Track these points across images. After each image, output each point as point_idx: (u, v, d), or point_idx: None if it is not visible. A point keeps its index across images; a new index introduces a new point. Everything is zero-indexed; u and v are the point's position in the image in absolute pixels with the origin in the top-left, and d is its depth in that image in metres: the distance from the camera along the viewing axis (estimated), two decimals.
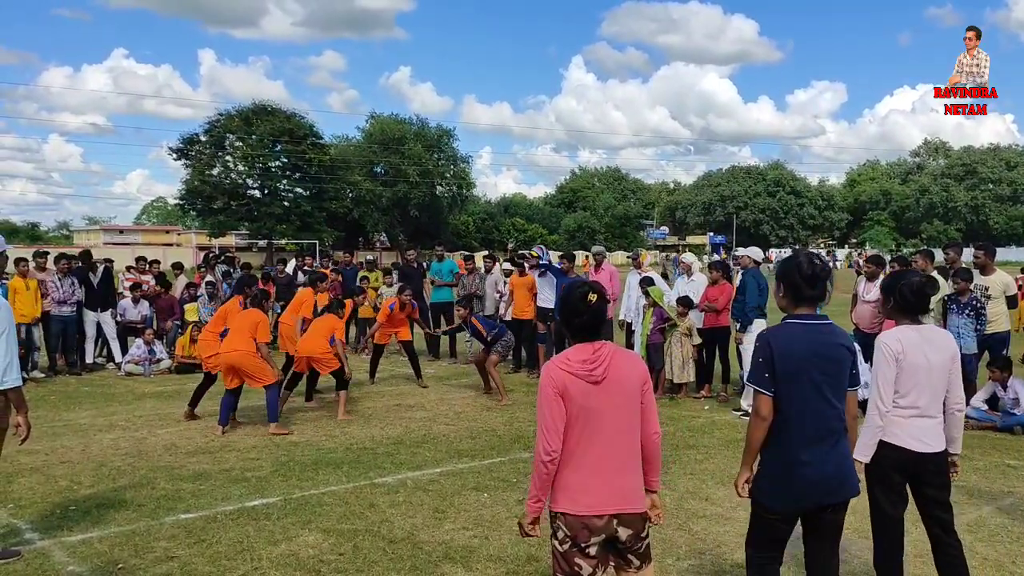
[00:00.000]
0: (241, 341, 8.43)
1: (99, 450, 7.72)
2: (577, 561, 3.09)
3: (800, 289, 3.49)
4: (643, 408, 3.19)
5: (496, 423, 8.93)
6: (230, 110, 59.25)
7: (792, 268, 3.53)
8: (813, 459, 3.39)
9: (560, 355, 3.21)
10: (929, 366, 3.94)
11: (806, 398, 3.40)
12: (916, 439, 3.95)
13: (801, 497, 3.43)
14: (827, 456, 3.41)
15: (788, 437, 3.42)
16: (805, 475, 3.40)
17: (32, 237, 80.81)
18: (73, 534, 5.42)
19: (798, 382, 3.39)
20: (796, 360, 3.39)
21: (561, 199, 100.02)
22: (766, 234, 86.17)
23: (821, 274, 3.51)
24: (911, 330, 4.01)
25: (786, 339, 3.44)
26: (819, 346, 3.43)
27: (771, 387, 3.41)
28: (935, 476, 4.02)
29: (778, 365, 3.39)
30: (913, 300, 4.01)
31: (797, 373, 3.39)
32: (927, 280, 4.16)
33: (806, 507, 3.47)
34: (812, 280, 3.48)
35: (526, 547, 5.12)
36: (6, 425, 4.98)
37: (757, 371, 3.46)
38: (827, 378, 3.42)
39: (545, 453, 3.09)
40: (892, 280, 4.19)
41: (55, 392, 10.86)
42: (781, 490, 3.45)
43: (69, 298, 12.16)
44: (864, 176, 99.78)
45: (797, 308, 3.53)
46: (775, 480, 3.47)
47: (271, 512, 5.85)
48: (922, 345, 3.96)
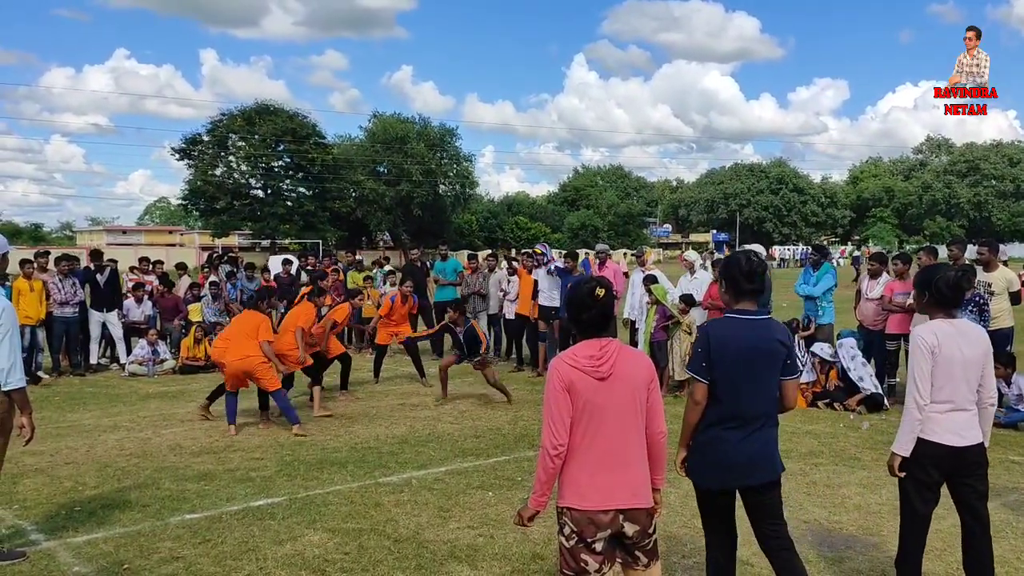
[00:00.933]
0: (248, 347, 8.44)
1: (104, 451, 7.74)
2: (583, 557, 3.11)
3: (739, 284, 3.69)
4: (650, 407, 3.22)
5: (501, 422, 8.93)
6: (233, 110, 59.30)
7: (732, 265, 3.74)
8: (736, 441, 3.63)
9: (567, 351, 3.24)
10: (964, 360, 3.96)
11: (737, 386, 3.62)
12: (954, 433, 3.97)
13: (726, 475, 3.68)
14: (750, 439, 3.64)
15: (717, 421, 3.66)
16: (728, 454, 3.64)
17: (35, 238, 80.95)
18: (78, 535, 5.43)
19: (731, 371, 3.61)
20: (731, 351, 3.61)
21: (564, 197, 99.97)
22: (769, 231, 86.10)
23: (758, 269, 3.69)
24: (946, 324, 4.02)
25: (724, 332, 3.67)
26: (755, 340, 3.63)
27: (707, 375, 3.64)
28: (974, 468, 4.06)
29: (714, 355, 3.62)
30: (949, 294, 4.04)
31: (732, 363, 3.61)
32: (963, 274, 4.14)
33: (731, 485, 3.72)
34: (750, 276, 3.67)
35: (531, 545, 5.13)
36: (11, 426, 4.99)
37: (695, 360, 3.70)
38: (759, 369, 3.64)
39: (552, 447, 3.12)
40: (926, 275, 4.16)
41: (59, 393, 10.87)
42: (708, 468, 3.71)
43: (71, 299, 12.17)
44: (867, 173, 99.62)
45: (738, 303, 3.72)
46: (704, 459, 3.72)
47: (276, 512, 5.86)
48: (957, 339, 3.98)
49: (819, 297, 10.21)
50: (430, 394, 10.64)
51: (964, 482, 4.09)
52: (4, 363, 4.80)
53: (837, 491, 6.33)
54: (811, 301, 10.34)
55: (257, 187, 60.47)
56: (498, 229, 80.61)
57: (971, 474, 4.06)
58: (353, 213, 64.92)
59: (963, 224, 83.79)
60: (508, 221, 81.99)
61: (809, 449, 7.63)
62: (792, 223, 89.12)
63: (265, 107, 58.86)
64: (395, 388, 11.19)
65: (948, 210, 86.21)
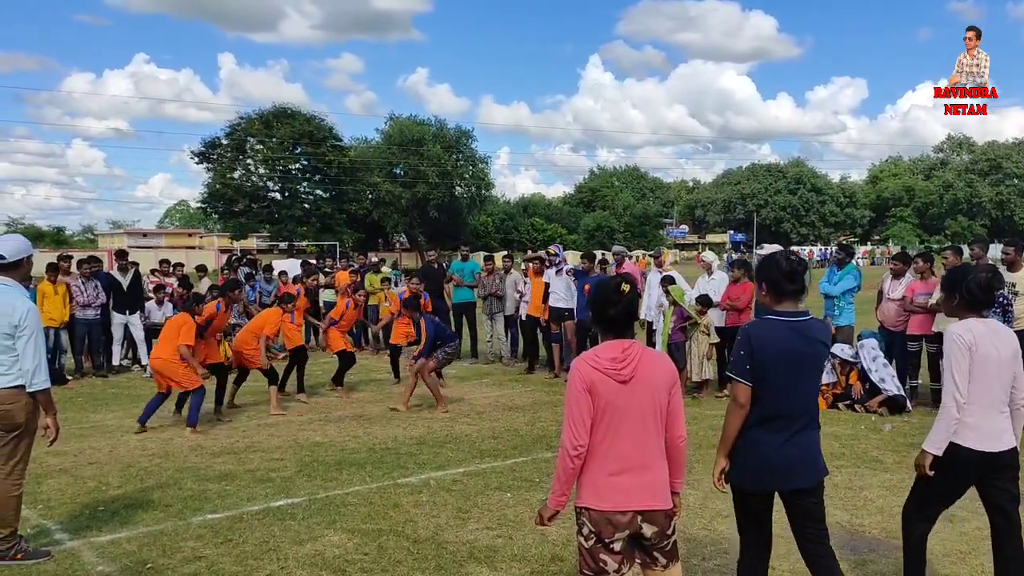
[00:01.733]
0: (165, 349, 8.65)
1: (126, 451, 7.81)
2: (603, 557, 3.12)
3: (781, 285, 3.62)
4: (670, 410, 3.21)
5: (518, 423, 8.93)
6: (251, 114, 59.58)
7: (772, 266, 3.66)
8: (778, 444, 3.57)
9: (590, 352, 3.23)
10: (999, 359, 3.93)
11: (779, 388, 3.55)
12: (990, 438, 3.93)
13: (766, 477, 3.61)
14: (792, 441, 3.58)
15: (758, 423, 3.59)
16: (769, 457, 3.57)
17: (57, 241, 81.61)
18: (102, 534, 5.49)
19: (774, 373, 3.54)
20: (774, 353, 3.54)
21: (580, 198, 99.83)
22: (787, 232, 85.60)
23: (799, 268, 3.63)
24: (980, 323, 4.00)
25: (767, 333, 3.59)
26: (797, 341, 3.57)
27: (750, 377, 3.56)
28: (1007, 470, 4.02)
29: (758, 358, 3.55)
30: (981, 296, 4.01)
31: (774, 365, 3.54)
32: (993, 275, 4.11)
33: (774, 488, 3.65)
34: (791, 275, 3.61)
35: (550, 547, 5.12)
36: (35, 427, 5.06)
37: (738, 362, 3.60)
38: (801, 371, 3.58)
39: (572, 448, 3.12)
40: (955, 276, 4.12)
41: (82, 394, 10.99)
42: (748, 471, 3.62)
43: (93, 301, 12.29)
44: (886, 172, 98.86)
45: (779, 304, 3.66)
46: (744, 461, 3.62)
47: (296, 512, 5.89)
48: (991, 338, 3.95)
49: (837, 297, 10.14)
50: (447, 395, 10.63)
51: (995, 484, 4.02)
52: (29, 364, 4.87)
53: (859, 493, 6.28)
54: (830, 300, 10.27)
55: (275, 190, 60.77)
56: (514, 231, 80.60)
57: (1003, 476, 4.01)
58: (370, 215, 65.11)
59: (985, 223, 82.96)
60: (524, 223, 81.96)
61: (830, 451, 7.57)
62: (810, 223, 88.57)
63: (283, 110, 59.15)
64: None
65: (970, 209, 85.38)
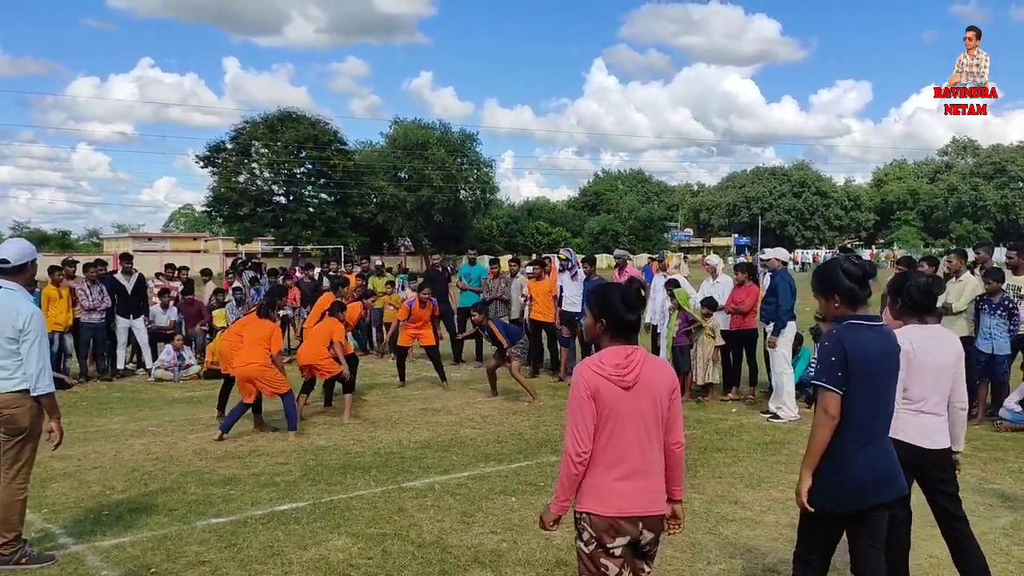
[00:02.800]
0: (255, 354, 8.54)
1: (131, 455, 7.81)
2: (603, 562, 3.13)
3: (855, 293, 3.48)
4: (670, 416, 3.22)
5: (523, 427, 8.92)
6: (256, 117, 59.73)
7: (841, 275, 3.49)
8: (869, 460, 3.41)
9: (593, 357, 3.23)
10: (937, 365, 4.05)
11: (868, 399, 3.41)
12: (925, 436, 4.05)
13: (856, 497, 3.41)
14: (880, 456, 3.46)
15: (847, 437, 3.40)
16: (860, 475, 3.39)
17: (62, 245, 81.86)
18: (106, 538, 5.49)
19: (866, 383, 3.39)
20: (870, 361, 3.41)
21: (584, 202, 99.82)
22: (792, 235, 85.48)
23: (869, 271, 3.53)
24: (920, 329, 4.10)
25: (859, 339, 3.42)
26: (888, 348, 3.48)
27: (843, 386, 3.37)
28: (941, 471, 4.14)
29: (851, 365, 3.37)
30: (920, 300, 4.11)
31: (868, 374, 3.40)
32: (933, 280, 4.24)
33: (860, 507, 3.43)
34: (863, 281, 3.49)
35: (555, 551, 5.11)
36: (40, 431, 5.06)
37: (829, 370, 3.39)
38: (890, 379, 3.50)
39: (576, 454, 3.12)
40: (899, 281, 4.26)
41: (86, 398, 11.00)
42: (837, 490, 3.40)
43: (98, 305, 12.32)
44: (891, 176, 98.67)
45: (855, 310, 3.50)
46: (832, 480, 3.40)
47: (301, 516, 5.89)
48: (930, 344, 4.06)
49: None
50: (452, 399, 10.67)
51: (934, 486, 4.17)
52: (33, 368, 4.87)
53: None
54: None
55: (280, 193, 60.90)
56: (519, 234, 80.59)
57: (938, 477, 4.14)
58: (374, 219, 65.23)
59: (990, 227, 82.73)
60: (529, 226, 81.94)
61: None
62: (815, 226, 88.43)
63: (287, 114, 59.29)
64: (417, 393, 11.22)
65: (975, 213, 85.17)
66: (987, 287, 8.68)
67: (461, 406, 10.19)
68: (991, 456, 7.44)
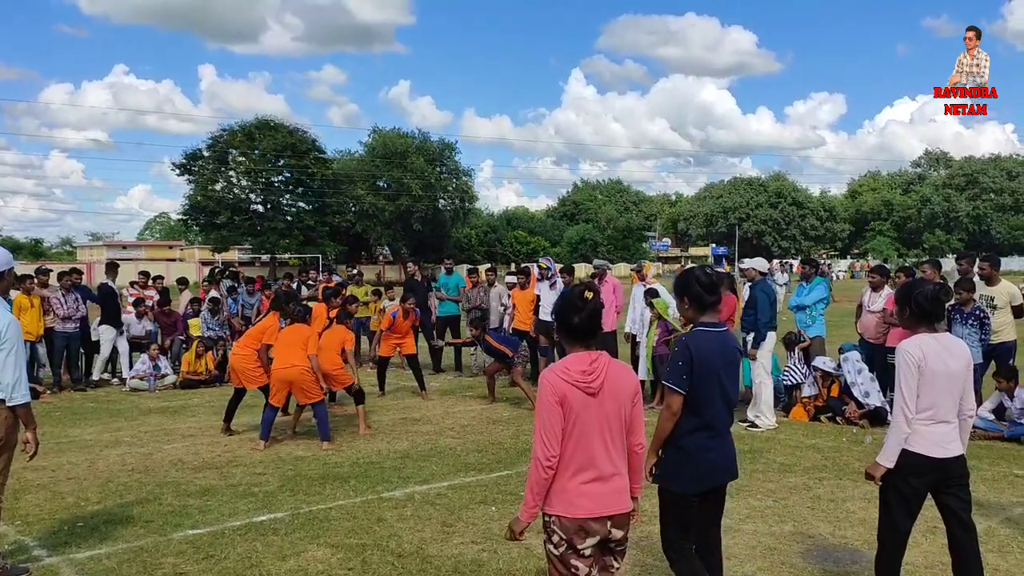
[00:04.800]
0: (297, 357, 8.43)
1: (105, 466, 7.72)
2: (573, 563, 3.21)
3: (702, 298, 3.89)
4: (632, 419, 3.34)
5: (502, 436, 8.91)
6: (233, 125, 59.40)
7: (691, 281, 3.91)
8: (715, 447, 3.89)
9: (559, 363, 3.32)
10: (948, 373, 4.04)
11: (712, 395, 3.84)
12: (938, 445, 4.04)
13: (706, 479, 3.89)
14: (724, 444, 3.94)
15: (697, 429, 3.85)
16: (709, 460, 3.87)
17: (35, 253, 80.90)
18: (81, 550, 5.42)
19: (709, 381, 3.81)
20: (712, 361, 3.82)
21: (563, 211, 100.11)
22: (768, 245, 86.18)
23: (716, 281, 3.93)
24: (930, 338, 4.10)
25: (702, 344, 3.83)
26: (725, 350, 3.89)
27: (686, 387, 3.80)
28: (957, 478, 4.15)
29: (696, 367, 3.79)
30: (929, 308, 4.13)
31: (710, 372, 3.81)
32: (942, 288, 4.32)
33: (707, 487, 3.90)
34: (711, 288, 3.88)
35: (535, 560, 5.11)
36: (15, 442, 4.99)
37: (676, 373, 3.82)
38: (728, 378, 3.91)
39: (545, 459, 3.20)
40: (906, 290, 4.25)
41: (60, 408, 10.86)
42: (691, 475, 3.85)
43: (74, 314, 12.18)
44: (865, 187, 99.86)
45: (703, 316, 3.92)
46: (685, 467, 3.85)
47: (279, 527, 5.84)
48: (941, 353, 4.06)
49: (810, 307, 10.26)
50: (431, 408, 10.65)
51: (949, 492, 4.16)
52: (9, 378, 4.80)
53: (841, 505, 6.32)
54: (802, 312, 10.39)
55: (257, 202, 60.52)
56: (498, 243, 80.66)
57: (955, 484, 4.15)
58: (353, 227, 64.99)
59: (962, 237, 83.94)
60: (508, 235, 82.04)
61: (812, 463, 7.62)
62: (791, 237, 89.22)
63: (265, 122, 58.99)
64: (396, 403, 11.18)
65: (947, 223, 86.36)
66: (958, 297, 8.80)
67: (441, 416, 10.17)
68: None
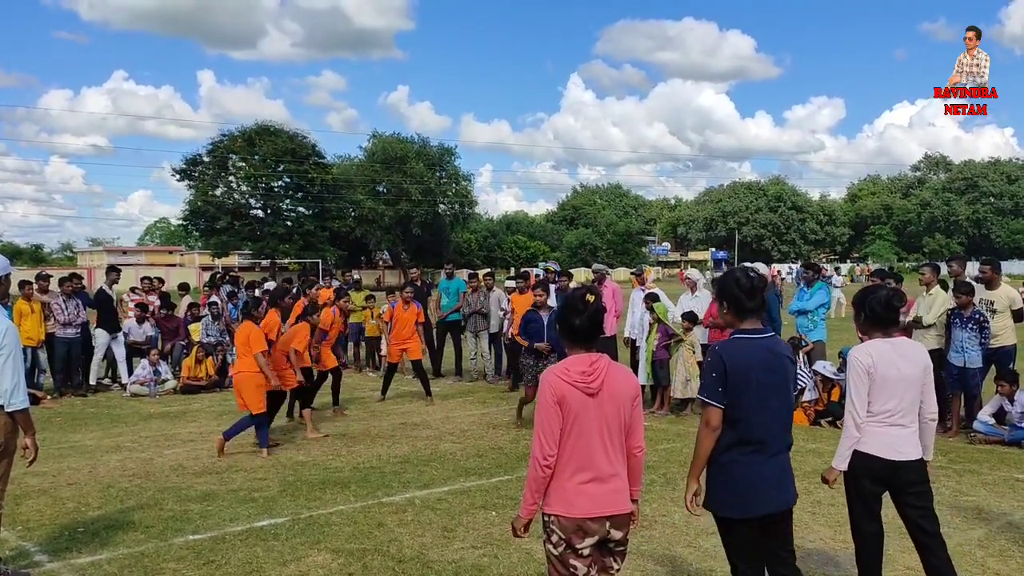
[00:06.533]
0: (243, 362, 8.43)
1: (106, 471, 7.72)
2: (572, 562, 3.24)
3: (741, 303, 3.60)
4: (631, 421, 3.35)
5: (502, 441, 8.91)
6: (233, 131, 59.48)
7: (731, 284, 3.63)
8: (758, 464, 3.51)
9: (559, 364, 3.35)
10: (901, 378, 4.07)
11: (753, 407, 3.50)
12: (890, 448, 4.07)
13: (750, 503, 3.51)
14: (772, 464, 3.54)
15: (733, 445, 3.52)
16: (750, 480, 3.51)
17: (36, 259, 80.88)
18: (82, 556, 5.42)
19: (748, 394, 3.49)
20: (751, 372, 3.50)
21: (563, 216, 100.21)
22: (768, 249, 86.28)
23: (759, 285, 3.62)
24: (883, 343, 4.15)
25: (738, 353, 3.54)
26: (768, 358, 3.56)
27: (723, 400, 3.50)
28: (913, 484, 4.13)
29: (731, 379, 3.49)
30: (883, 313, 4.17)
31: (749, 384, 3.49)
32: (894, 293, 4.31)
33: (756, 513, 3.53)
34: (752, 292, 3.59)
35: (536, 565, 5.11)
36: (14, 447, 4.99)
37: (710, 384, 3.54)
38: (773, 389, 3.54)
39: (543, 458, 3.23)
40: (862, 295, 4.31)
41: (61, 414, 10.86)
42: (731, 496, 3.53)
43: (74, 320, 12.18)
44: (865, 191, 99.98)
45: (743, 322, 3.63)
46: (723, 486, 3.54)
47: (279, 532, 5.84)
48: (893, 357, 4.09)
49: (812, 312, 10.27)
50: (431, 413, 10.64)
51: (905, 500, 4.17)
52: (7, 384, 4.80)
53: (841, 510, 6.25)
54: (804, 317, 10.39)
55: (257, 207, 60.59)
56: (497, 248, 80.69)
57: (910, 490, 4.14)
58: (352, 232, 65.02)
59: (962, 241, 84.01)
60: (507, 240, 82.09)
61: (813, 468, 7.60)
62: (791, 241, 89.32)
63: (265, 128, 59.06)
64: (396, 408, 11.18)
65: (947, 227, 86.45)
66: (958, 300, 8.81)
67: (441, 420, 10.17)
68: (966, 468, 7.53)
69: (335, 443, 8.87)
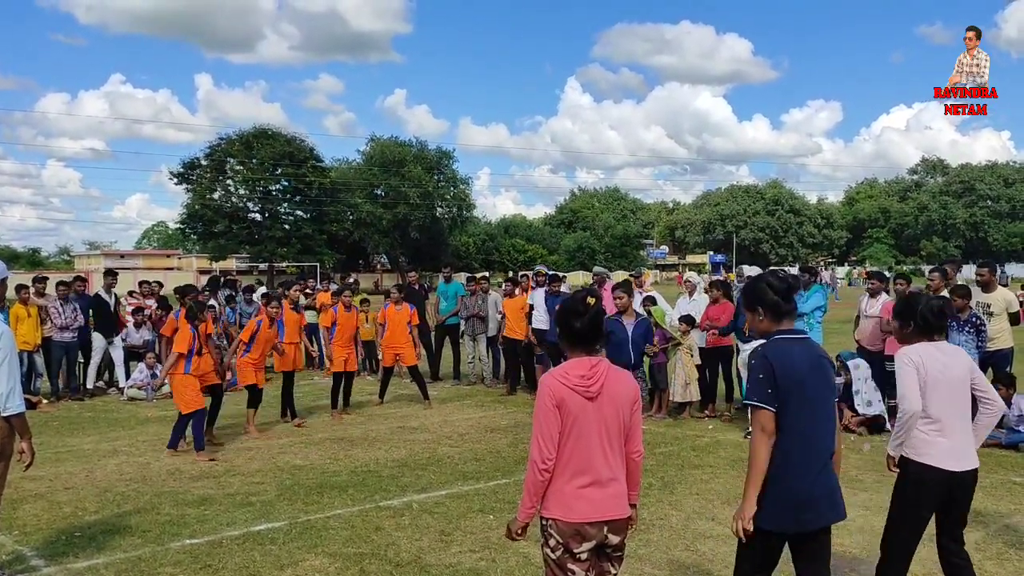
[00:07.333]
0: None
1: (103, 476, 7.70)
2: (570, 567, 3.23)
3: (779, 306, 3.46)
4: (630, 426, 3.34)
5: (500, 444, 8.91)
6: (231, 134, 59.42)
7: (765, 288, 3.48)
8: (806, 473, 3.32)
9: (559, 368, 3.34)
10: (949, 379, 4.05)
11: (804, 412, 3.33)
12: (951, 457, 3.99)
13: (790, 514, 3.32)
14: (821, 472, 3.36)
15: (788, 453, 3.32)
16: (797, 489, 3.31)
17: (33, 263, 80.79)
18: (79, 560, 5.41)
19: (798, 396, 3.32)
20: (797, 374, 3.34)
21: (561, 219, 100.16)
22: (766, 252, 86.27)
23: (794, 285, 3.57)
24: (928, 345, 4.14)
25: (785, 354, 3.37)
26: (812, 359, 3.40)
27: (774, 402, 3.31)
28: (964, 494, 4.07)
29: (780, 380, 3.31)
30: (935, 322, 4.16)
31: (798, 386, 3.32)
32: (946, 302, 4.32)
33: (799, 528, 3.35)
34: (787, 294, 3.48)
35: (534, 569, 5.11)
36: (11, 452, 4.97)
37: (759, 387, 3.34)
38: (819, 392, 3.40)
39: (541, 461, 3.23)
40: (908, 305, 4.26)
41: (58, 418, 10.84)
42: (777, 510, 3.31)
43: (71, 323, 12.17)
44: (862, 194, 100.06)
45: (779, 324, 3.48)
46: (770, 500, 3.32)
47: (277, 536, 5.83)
48: (940, 358, 4.08)
49: (807, 315, 10.26)
50: (429, 417, 10.64)
51: (952, 508, 4.09)
52: (3, 388, 4.77)
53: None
54: (800, 320, 10.38)
55: (255, 210, 60.54)
56: (495, 251, 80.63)
57: (961, 500, 4.08)
58: (350, 236, 64.97)
59: (959, 244, 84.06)
60: (505, 243, 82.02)
61: None
62: (789, 244, 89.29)
63: (263, 131, 59.02)
64: (394, 411, 11.17)
65: (944, 230, 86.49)
66: (955, 304, 8.81)
67: (438, 424, 10.16)
68: None
69: (332, 447, 8.86)
